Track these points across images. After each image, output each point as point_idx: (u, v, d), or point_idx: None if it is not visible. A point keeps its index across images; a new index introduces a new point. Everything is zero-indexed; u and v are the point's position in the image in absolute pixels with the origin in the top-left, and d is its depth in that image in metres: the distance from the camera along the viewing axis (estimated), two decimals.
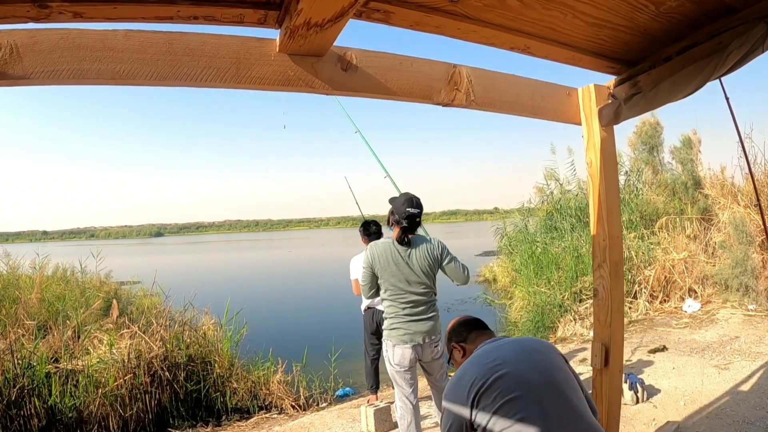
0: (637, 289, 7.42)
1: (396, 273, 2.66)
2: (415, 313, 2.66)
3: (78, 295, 7.91)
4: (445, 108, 1.57)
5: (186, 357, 4.59)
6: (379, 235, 3.95)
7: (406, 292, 2.67)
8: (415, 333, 2.64)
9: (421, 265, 2.68)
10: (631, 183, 9.68)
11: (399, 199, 2.77)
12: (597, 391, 2.09)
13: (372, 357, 3.99)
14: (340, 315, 9.69)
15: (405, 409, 2.76)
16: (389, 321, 2.70)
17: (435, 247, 2.76)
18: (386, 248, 2.71)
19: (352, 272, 3.93)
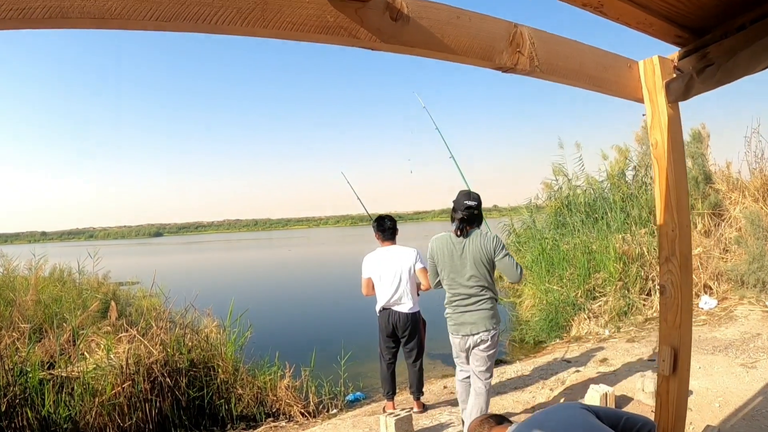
0: (650, 285, 7.17)
1: (450, 265, 2.82)
2: (464, 304, 2.79)
3: (75, 296, 7.59)
4: (506, 74, 1.30)
5: (188, 362, 4.30)
6: (394, 231, 3.68)
7: (458, 283, 2.80)
8: (463, 324, 2.79)
9: (473, 258, 2.76)
10: (639, 178, 9.42)
11: (459, 195, 2.92)
12: (663, 400, 1.83)
13: (388, 361, 3.71)
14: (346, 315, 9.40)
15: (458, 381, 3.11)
16: (446, 311, 2.92)
17: (489, 242, 2.81)
18: (444, 240, 2.87)
19: (364, 271, 3.65)
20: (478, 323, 2.75)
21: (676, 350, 1.74)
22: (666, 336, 1.78)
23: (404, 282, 3.55)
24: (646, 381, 3.74)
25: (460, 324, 2.80)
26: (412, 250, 3.65)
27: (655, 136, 1.77)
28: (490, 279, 2.83)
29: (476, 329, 2.75)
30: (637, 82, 1.81)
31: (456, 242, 2.82)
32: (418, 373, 3.70)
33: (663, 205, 1.75)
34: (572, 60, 1.51)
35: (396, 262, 3.55)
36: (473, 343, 2.77)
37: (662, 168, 1.75)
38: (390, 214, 3.76)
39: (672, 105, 1.78)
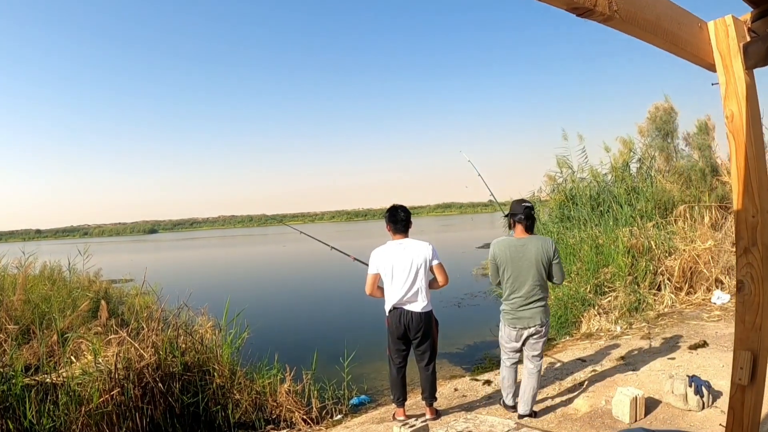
0: (660, 280, 6.94)
1: (513, 265, 3.11)
2: (523, 302, 3.11)
3: (65, 295, 7.25)
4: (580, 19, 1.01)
5: (181, 365, 4.00)
6: (407, 222, 3.38)
7: (519, 282, 3.10)
8: (521, 318, 3.13)
9: (535, 260, 3.08)
10: (643, 171, 9.18)
11: (513, 203, 3.27)
12: (737, 413, 1.56)
13: (398, 365, 3.41)
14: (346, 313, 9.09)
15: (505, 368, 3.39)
16: (503, 305, 3.26)
17: (549, 245, 3.17)
18: (507, 243, 3.17)
19: (371, 266, 3.36)
20: (534, 317, 3.13)
21: (755, 355, 1.46)
22: (744, 339, 1.50)
23: (419, 279, 3.26)
24: (676, 383, 3.48)
25: (518, 318, 3.15)
26: (427, 243, 3.36)
27: (731, 107, 1.48)
28: (546, 278, 3.18)
29: (532, 323, 3.13)
30: (708, 45, 1.52)
31: (518, 244, 3.13)
32: (431, 378, 3.42)
33: (741, 187, 1.47)
34: (649, 10, 1.22)
35: (410, 257, 3.26)
36: (528, 334, 3.17)
37: (740, 144, 1.46)
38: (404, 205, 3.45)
39: (749, 72, 1.50)
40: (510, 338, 3.24)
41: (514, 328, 3.18)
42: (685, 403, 3.44)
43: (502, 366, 3.42)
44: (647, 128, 9.25)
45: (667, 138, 9.11)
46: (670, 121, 9.00)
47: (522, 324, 3.13)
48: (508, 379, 3.40)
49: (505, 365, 3.40)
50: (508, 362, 3.38)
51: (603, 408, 3.56)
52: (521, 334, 3.17)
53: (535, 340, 3.20)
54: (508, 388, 3.42)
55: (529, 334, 3.16)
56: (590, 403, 3.68)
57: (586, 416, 3.47)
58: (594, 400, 3.70)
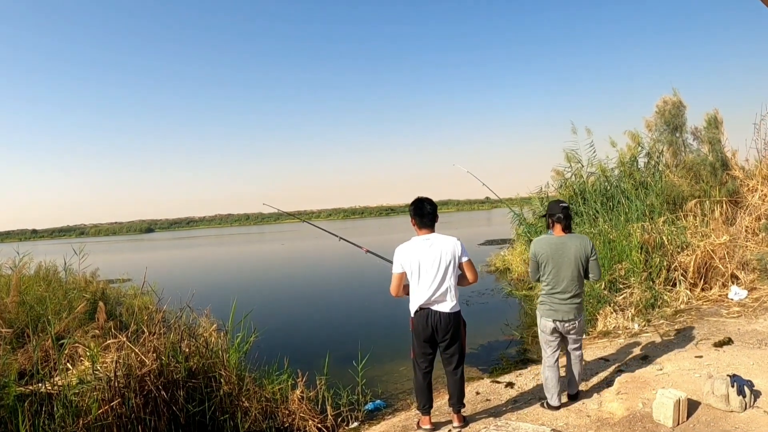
0: (674, 276, 6.70)
1: (554, 262, 3.22)
2: (561, 297, 3.24)
3: (61, 297, 6.91)
4: None
5: (185, 371, 3.71)
6: (434, 216, 3.11)
7: (559, 279, 3.23)
8: (558, 311, 3.26)
9: (575, 257, 3.21)
10: (651, 165, 8.95)
11: (551, 204, 3.38)
12: None
13: (424, 370, 3.14)
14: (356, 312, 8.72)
15: (547, 367, 3.42)
16: (542, 297, 3.37)
17: (587, 243, 3.28)
18: (547, 241, 3.28)
19: (396, 264, 3.07)
20: (569, 312, 3.25)
21: None
22: None
23: (448, 277, 2.99)
24: (716, 383, 3.24)
25: (555, 311, 3.26)
26: (455, 238, 3.09)
27: None
28: (583, 275, 3.29)
29: (567, 317, 3.25)
30: None
31: (558, 242, 3.24)
32: (460, 383, 3.15)
33: None
34: None
35: (438, 253, 2.99)
36: (563, 328, 3.30)
37: None
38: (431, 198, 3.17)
39: None
40: (546, 329, 3.33)
41: (549, 319, 3.28)
42: (727, 404, 3.20)
43: (544, 366, 3.44)
44: (655, 122, 9.00)
45: (676, 132, 8.88)
46: (679, 115, 8.77)
47: (558, 316, 3.25)
48: (552, 378, 3.41)
49: (547, 363, 3.41)
50: (549, 359, 3.40)
51: (641, 411, 3.31)
52: (556, 326, 3.29)
53: (573, 334, 3.37)
54: (553, 388, 3.41)
55: (564, 328, 3.30)
56: (626, 406, 3.43)
57: (625, 420, 3.22)
58: (629, 403, 3.45)
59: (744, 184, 8.31)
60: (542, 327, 3.38)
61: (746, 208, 8.04)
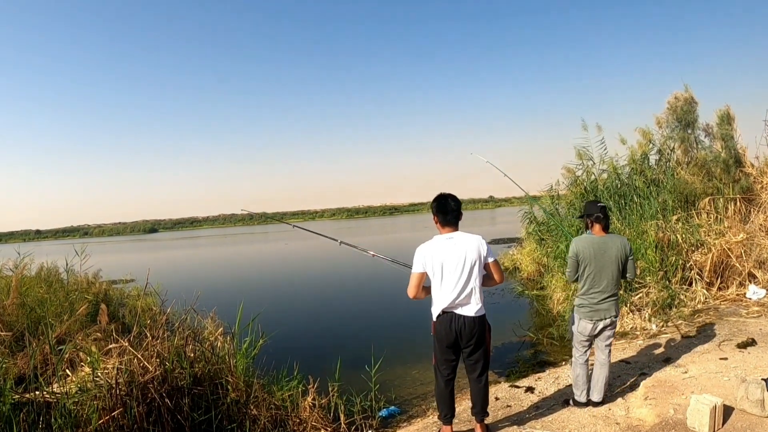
0: (690, 275, 6.48)
1: (595, 262, 3.22)
2: (601, 296, 3.24)
3: (62, 298, 6.71)
4: None
5: (190, 378, 3.50)
6: (458, 213, 2.91)
7: (600, 278, 3.22)
8: (598, 311, 3.26)
9: (615, 257, 3.21)
10: (663, 163, 8.72)
11: (588, 204, 3.40)
12: None
13: (447, 377, 2.93)
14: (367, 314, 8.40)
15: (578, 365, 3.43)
16: (580, 300, 3.35)
17: (626, 244, 3.28)
18: (589, 240, 3.27)
19: (416, 264, 2.86)
20: (609, 309, 3.26)
21: None
22: None
23: (473, 278, 2.78)
24: (750, 388, 3.03)
25: (595, 311, 3.25)
26: (479, 237, 2.89)
27: None
28: (620, 275, 3.29)
29: (608, 314, 3.26)
30: None
31: (600, 242, 3.23)
32: (484, 390, 2.94)
33: None
34: None
35: (462, 253, 2.78)
36: (603, 325, 3.29)
37: None
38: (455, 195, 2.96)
39: None
40: (585, 331, 3.32)
41: (590, 320, 3.27)
42: (763, 410, 3.00)
43: (575, 363, 3.47)
44: (667, 119, 8.76)
45: (687, 129, 8.63)
46: (691, 111, 8.52)
47: (599, 316, 3.25)
48: (582, 376, 3.45)
49: (578, 362, 3.44)
50: (581, 358, 3.43)
51: (673, 418, 3.10)
52: (597, 326, 3.28)
53: (607, 331, 3.33)
54: (582, 385, 3.45)
55: (604, 325, 3.28)
56: (656, 412, 3.22)
57: (657, 428, 3.01)
58: (660, 409, 3.24)
59: (758, 181, 8.07)
60: (581, 329, 3.35)
61: (760, 206, 7.80)
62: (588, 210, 3.35)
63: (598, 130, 8.22)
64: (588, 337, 3.38)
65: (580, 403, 3.45)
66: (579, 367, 3.44)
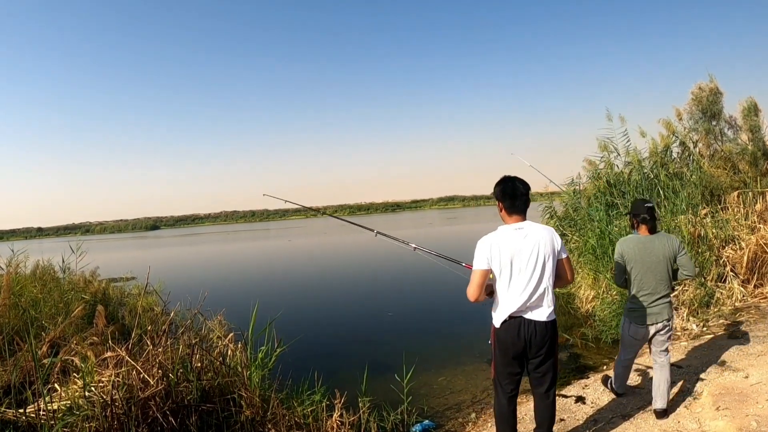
0: (725, 272, 6.02)
1: (642, 263, 3.01)
2: (652, 298, 3.02)
3: (57, 298, 6.19)
4: None
5: (198, 392, 3.01)
6: (527, 199, 2.41)
7: (649, 279, 3.01)
8: (650, 314, 3.02)
9: (664, 256, 3.00)
10: (686, 156, 8.24)
11: (634, 203, 3.20)
12: None
13: (510, 393, 2.45)
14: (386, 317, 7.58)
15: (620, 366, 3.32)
16: (631, 303, 3.11)
17: (674, 241, 3.07)
18: (635, 241, 3.07)
19: (479, 259, 2.34)
20: (662, 313, 3.04)
21: None
22: None
23: (547, 276, 2.30)
24: None
25: (647, 315, 3.03)
26: (552, 229, 2.41)
27: None
28: (671, 274, 3.07)
29: (660, 318, 3.03)
30: None
31: (646, 241, 3.05)
32: (551, 408, 2.47)
33: None
34: None
35: (534, 247, 2.29)
36: (656, 330, 3.06)
37: None
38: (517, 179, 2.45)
39: None
40: (637, 336, 3.11)
41: (642, 325, 3.05)
42: None
43: (618, 362, 3.34)
44: (691, 110, 8.27)
45: (713, 120, 8.15)
46: (716, 102, 8.04)
47: (651, 320, 3.02)
48: (622, 377, 3.38)
49: (622, 363, 3.31)
50: (626, 360, 3.29)
51: (757, 431, 2.63)
52: (649, 331, 3.06)
53: (662, 335, 3.09)
54: (625, 380, 3.40)
55: (656, 330, 3.05)
56: (736, 425, 2.75)
57: None
58: (738, 421, 2.78)
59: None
60: (632, 333, 3.12)
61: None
62: (635, 209, 3.15)
63: (621, 121, 7.74)
64: (639, 342, 3.15)
65: (620, 394, 3.43)
66: (621, 368, 3.34)
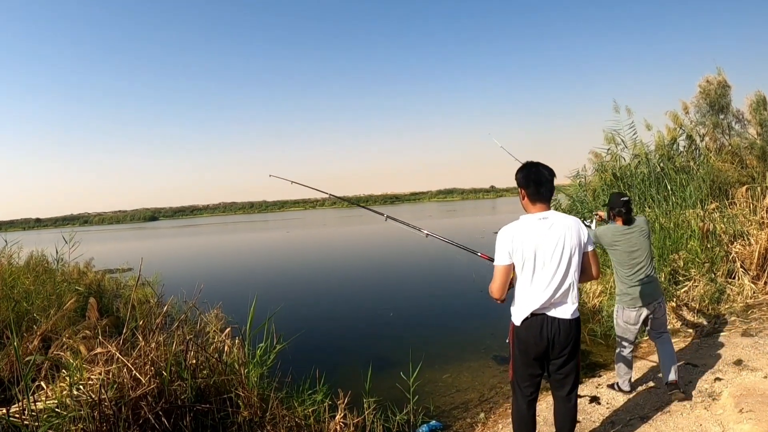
0: (735, 267, 5.85)
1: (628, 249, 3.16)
2: (643, 280, 3.12)
3: (49, 290, 5.98)
4: None
5: (193, 392, 2.82)
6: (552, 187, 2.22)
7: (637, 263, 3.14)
8: (643, 295, 3.11)
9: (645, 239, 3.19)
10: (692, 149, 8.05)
11: (613, 196, 3.32)
12: None
13: (530, 397, 2.26)
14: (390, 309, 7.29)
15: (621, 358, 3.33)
16: (621, 289, 3.22)
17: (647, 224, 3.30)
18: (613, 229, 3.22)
19: (501, 253, 2.14)
20: (654, 292, 3.14)
21: None
22: None
23: (572, 270, 2.11)
24: None
25: (637, 297, 3.10)
26: (578, 219, 2.21)
27: None
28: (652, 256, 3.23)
29: (654, 297, 3.12)
30: None
31: (624, 230, 3.18)
32: (573, 412, 2.29)
33: None
34: None
35: (560, 239, 2.09)
36: (650, 310, 3.13)
37: None
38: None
39: None
40: (629, 320, 3.17)
41: (633, 308, 3.13)
42: None
43: (618, 360, 3.34)
44: (698, 103, 8.07)
45: (720, 114, 7.96)
46: (725, 95, 7.84)
47: (646, 300, 3.09)
48: (625, 366, 3.34)
49: (622, 353, 3.30)
50: (625, 351, 3.29)
51: None
52: (641, 313, 3.13)
53: (659, 318, 3.18)
54: (626, 374, 3.36)
55: (651, 309, 3.12)
56: (763, 429, 2.58)
57: None
58: (766, 425, 2.60)
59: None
60: (625, 319, 3.18)
61: None
62: (612, 203, 3.27)
63: (628, 113, 7.53)
64: (634, 327, 3.18)
65: (626, 391, 3.37)
66: (622, 362, 3.32)
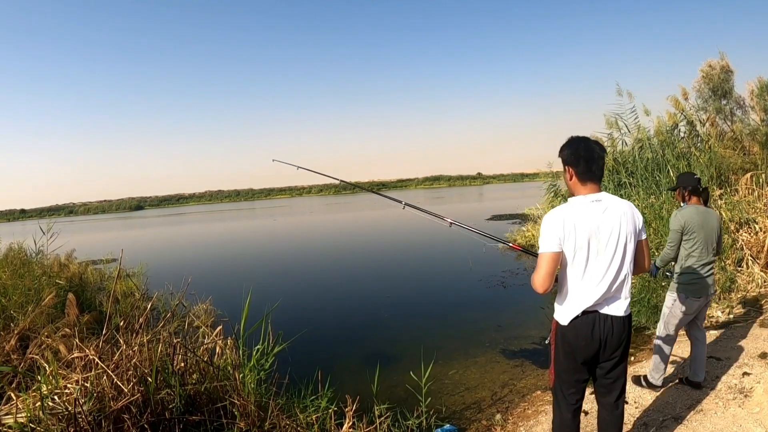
0: (743, 256, 5.68)
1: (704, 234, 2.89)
2: (709, 270, 2.93)
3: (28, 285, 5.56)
4: None
5: (182, 401, 2.50)
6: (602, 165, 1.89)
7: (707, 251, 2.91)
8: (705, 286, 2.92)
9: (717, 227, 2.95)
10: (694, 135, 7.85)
11: (684, 175, 3.04)
12: None
13: (575, 405, 1.98)
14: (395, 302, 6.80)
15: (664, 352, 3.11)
16: (687, 276, 2.92)
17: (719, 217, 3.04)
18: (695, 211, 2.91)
19: (548, 240, 1.78)
20: (714, 284, 3.02)
21: None
22: None
23: (628, 261, 1.81)
24: None
25: (704, 287, 2.91)
26: (631, 204, 1.90)
27: None
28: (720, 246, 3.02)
29: (712, 290, 2.98)
30: None
31: (703, 212, 2.92)
32: (620, 420, 2.01)
33: None
34: None
35: (617, 224, 1.78)
36: (705, 302, 2.98)
37: None
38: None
39: None
40: (690, 311, 2.94)
41: (698, 298, 2.91)
42: None
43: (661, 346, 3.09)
44: (700, 88, 7.84)
45: (723, 99, 7.75)
46: (727, 80, 7.61)
47: (708, 291, 2.93)
48: (664, 361, 3.13)
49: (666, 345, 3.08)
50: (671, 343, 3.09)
51: None
52: (702, 304, 2.96)
53: (705, 309, 3.07)
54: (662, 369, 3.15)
55: (706, 301, 2.98)
56: None
57: None
58: None
59: None
60: (686, 309, 2.93)
61: None
62: (684, 181, 3.00)
63: (629, 98, 7.27)
64: (689, 317, 2.99)
65: (658, 387, 3.16)
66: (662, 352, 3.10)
